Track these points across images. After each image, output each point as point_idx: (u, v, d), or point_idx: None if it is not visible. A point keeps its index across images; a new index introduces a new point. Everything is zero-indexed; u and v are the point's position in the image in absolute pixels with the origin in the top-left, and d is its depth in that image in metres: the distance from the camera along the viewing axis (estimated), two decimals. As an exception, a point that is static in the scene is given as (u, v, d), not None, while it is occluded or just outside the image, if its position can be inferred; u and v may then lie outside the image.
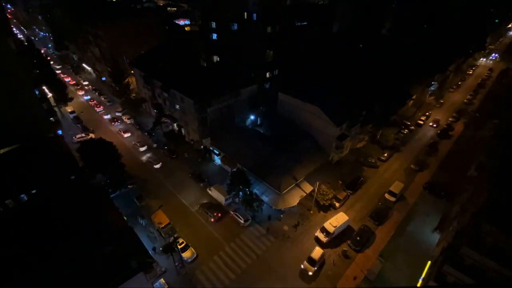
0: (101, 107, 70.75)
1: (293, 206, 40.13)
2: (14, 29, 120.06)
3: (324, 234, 36.35)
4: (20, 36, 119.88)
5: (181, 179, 47.51)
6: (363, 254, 35.64)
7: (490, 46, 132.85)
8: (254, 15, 54.03)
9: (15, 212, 29.33)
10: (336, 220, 37.36)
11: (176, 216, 39.81)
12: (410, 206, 43.48)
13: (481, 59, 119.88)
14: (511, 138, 36.08)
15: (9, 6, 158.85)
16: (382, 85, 57.91)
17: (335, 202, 41.93)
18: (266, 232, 38.01)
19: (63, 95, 64.37)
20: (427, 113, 71.57)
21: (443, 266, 25.54)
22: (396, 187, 44.76)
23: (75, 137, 56.42)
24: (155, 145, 56.12)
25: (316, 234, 37.48)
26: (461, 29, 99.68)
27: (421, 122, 67.46)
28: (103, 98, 75.38)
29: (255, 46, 56.01)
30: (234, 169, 43.01)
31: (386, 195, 44.07)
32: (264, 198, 39.90)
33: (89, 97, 77.00)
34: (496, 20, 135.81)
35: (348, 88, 53.02)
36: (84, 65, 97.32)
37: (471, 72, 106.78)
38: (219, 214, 39.65)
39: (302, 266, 33.50)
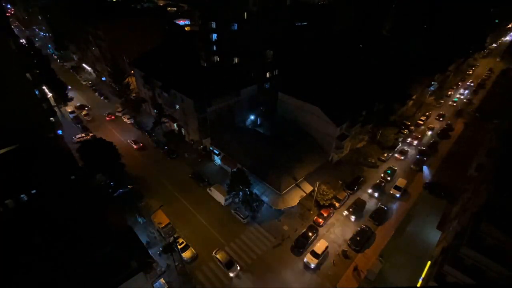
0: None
1: (293, 206, 40.15)
2: (14, 28, 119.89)
3: None
4: (20, 36, 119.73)
5: (181, 179, 47.52)
6: (363, 254, 35.64)
7: (490, 46, 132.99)
8: (254, 15, 54.05)
9: (15, 212, 29.35)
10: None
11: (176, 216, 39.83)
12: (410, 206, 43.53)
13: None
14: (511, 138, 36.07)
15: (9, 6, 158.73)
16: (382, 85, 57.92)
17: (335, 202, 41.94)
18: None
19: (63, 95, 64.40)
20: (427, 113, 71.63)
21: (443, 266, 25.52)
22: (401, 182, 46.37)
23: (75, 137, 56.44)
24: (155, 145, 56.15)
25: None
26: (461, 29, 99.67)
27: (421, 122, 67.53)
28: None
29: (255, 46, 56.01)
30: (234, 169, 43.00)
31: (392, 190, 45.32)
32: (264, 198, 39.93)
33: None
34: (496, 20, 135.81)
35: (348, 88, 53.01)
36: (84, 65, 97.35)
37: (471, 72, 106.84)
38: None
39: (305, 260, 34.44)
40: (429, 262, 32.25)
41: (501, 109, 68.40)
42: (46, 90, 63.57)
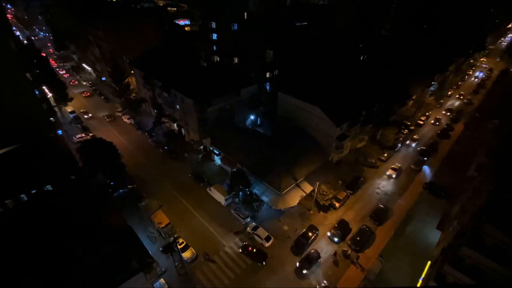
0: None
1: (293, 206, 40.14)
2: (14, 29, 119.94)
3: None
4: (20, 36, 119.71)
5: (181, 179, 47.51)
6: (363, 254, 35.62)
7: (490, 46, 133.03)
8: (254, 15, 54.06)
9: (15, 212, 29.37)
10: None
11: (176, 216, 39.83)
12: (410, 206, 43.51)
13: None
14: (511, 138, 36.07)
15: (9, 6, 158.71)
16: (382, 85, 57.91)
17: (335, 202, 41.94)
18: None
19: (63, 95, 64.41)
20: (427, 113, 71.63)
21: (443, 266, 25.52)
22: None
23: (75, 137, 56.46)
24: (155, 145, 56.13)
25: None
26: (461, 29, 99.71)
27: (421, 122, 67.53)
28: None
29: (255, 46, 56.02)
30: (234, 169, 43.01)
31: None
32: (264, 198, 39.90)
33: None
34: (496, 20, 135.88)
35: (348, 88, 52.99)
36: (84, 65, 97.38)
37: (471, 72, 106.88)
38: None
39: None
40: (429, 262, 32.26)
41: (501, 109, 68.46)
42: (46, 90, 63.67)
